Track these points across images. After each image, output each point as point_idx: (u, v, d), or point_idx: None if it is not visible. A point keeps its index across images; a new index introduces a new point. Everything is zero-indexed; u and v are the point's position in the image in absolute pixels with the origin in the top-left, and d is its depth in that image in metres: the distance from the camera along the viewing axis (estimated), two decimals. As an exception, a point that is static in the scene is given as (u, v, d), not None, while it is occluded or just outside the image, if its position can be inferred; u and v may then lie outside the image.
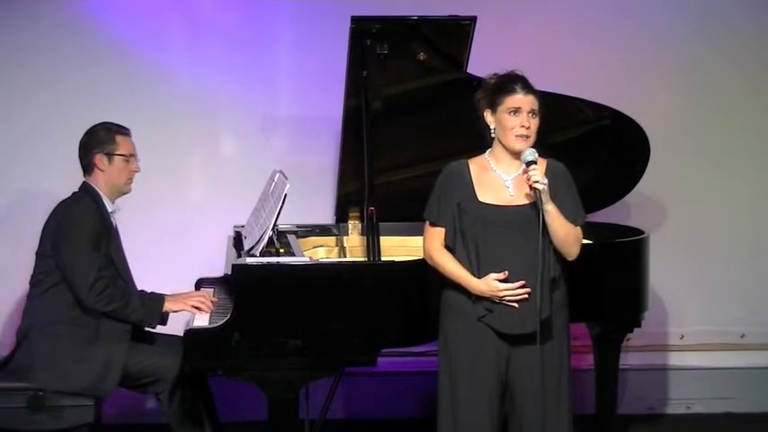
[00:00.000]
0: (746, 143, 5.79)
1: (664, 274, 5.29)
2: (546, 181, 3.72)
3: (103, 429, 4.60)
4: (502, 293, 3.72)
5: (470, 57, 4.73)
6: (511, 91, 3.78)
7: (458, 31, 4.65)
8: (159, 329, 4.52)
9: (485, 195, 3.81)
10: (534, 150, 3.76)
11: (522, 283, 3.72)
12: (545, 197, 3.71)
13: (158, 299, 4.48)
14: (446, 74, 4.77)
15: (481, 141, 3.92)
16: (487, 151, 3.90)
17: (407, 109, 4.83)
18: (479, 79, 4.11)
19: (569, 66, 5.49)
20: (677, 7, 5.68)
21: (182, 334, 4.19)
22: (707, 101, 5.74)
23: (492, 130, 3.84)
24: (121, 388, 4.45)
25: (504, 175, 3.84)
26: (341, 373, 4.48)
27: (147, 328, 4.52)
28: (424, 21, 4.62)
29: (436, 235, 3.87)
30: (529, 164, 3.73)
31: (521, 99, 3.77)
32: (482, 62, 4.59)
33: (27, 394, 4.30)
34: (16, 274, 4.85)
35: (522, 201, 3.80)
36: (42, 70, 5.48)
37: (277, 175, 4.53)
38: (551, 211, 3.73)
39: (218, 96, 5.57)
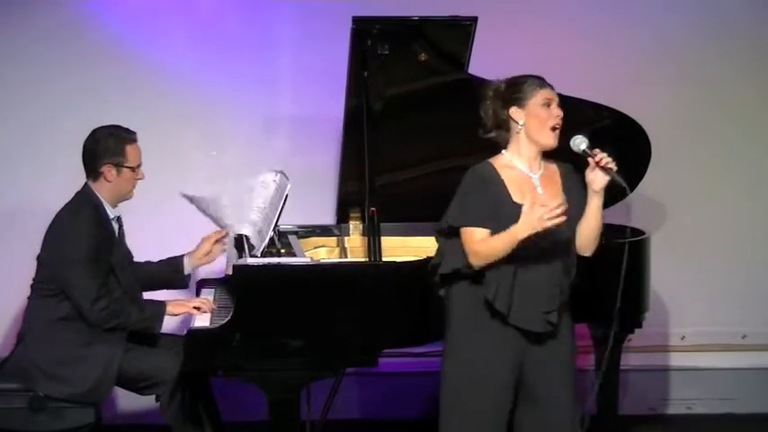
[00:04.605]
0: (747, 143, 5.79)
1: (665, 274, 5.28)
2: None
3: (104, 430, 4.60)
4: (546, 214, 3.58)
5: (471, 57, 4.73)
6: (542, 85, 3.80)
7: (459, 32, 4.64)
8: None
9: (518, 196, 3.77)
10: (583, 136, 3.77)
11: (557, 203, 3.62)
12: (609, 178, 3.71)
13: (159, 304, 4.47)
14: (447, 74, 4.77)
15: (482, 141, 3.90)
16: (504, 151, 3.84)
17: (408, 109, 4.83)
18: (481, 80, 4.09)
19: (570, 66, 5.48)
20: (678, 8, 5.68)
21: (182, 334, 4.19)
22: (708, 101, 5.74)
23: (519, 126, 3.79)
24: (122, 389, 4.46)
25: (531, 173, 3.82)
26: (342, 374, 4.48)
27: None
28: (424, 21, 4.61)
29: (477, 233, 3.72)
30: (586, 150, 3.75)
31: (551, 92, 3.80)
32: (483, 63, 4.60)
33: (28, 395, 4.31)
34: (18, 275, 4.85)
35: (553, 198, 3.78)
36: (42, 72, 5.48)
37: (278, 175, 4.53)
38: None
39: (219, 97, 5.57)
